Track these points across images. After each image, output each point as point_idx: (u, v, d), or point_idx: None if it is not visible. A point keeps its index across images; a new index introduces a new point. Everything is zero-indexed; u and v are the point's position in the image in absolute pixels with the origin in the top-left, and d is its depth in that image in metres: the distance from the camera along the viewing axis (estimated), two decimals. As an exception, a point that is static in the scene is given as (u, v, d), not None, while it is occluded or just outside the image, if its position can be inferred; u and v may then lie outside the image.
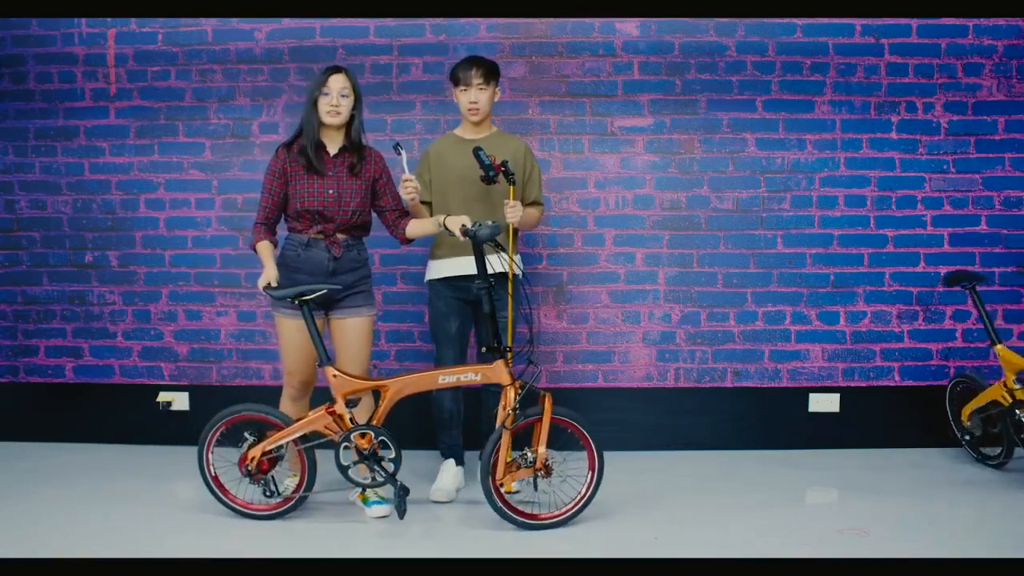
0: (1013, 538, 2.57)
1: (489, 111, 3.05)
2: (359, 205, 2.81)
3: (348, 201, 2.78)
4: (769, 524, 2.70)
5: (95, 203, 3.73)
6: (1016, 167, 3.61)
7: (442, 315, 3.07)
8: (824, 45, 3.58)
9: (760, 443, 3.63)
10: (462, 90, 3.00)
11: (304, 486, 2.71)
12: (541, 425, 2.61)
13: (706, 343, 3.65)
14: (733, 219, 3.63)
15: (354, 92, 2.77)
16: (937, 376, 3.64)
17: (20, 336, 3.78)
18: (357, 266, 2.84)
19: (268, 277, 2.66)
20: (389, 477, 2.64)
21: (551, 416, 2.62)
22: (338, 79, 2.72)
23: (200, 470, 2.73)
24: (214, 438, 2.73)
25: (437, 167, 3.04)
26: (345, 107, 2.74)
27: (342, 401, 2.66)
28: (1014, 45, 3.57)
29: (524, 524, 2.65)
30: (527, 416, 2.64)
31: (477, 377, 2.67)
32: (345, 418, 2.66)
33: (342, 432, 2.65)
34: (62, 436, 3.73)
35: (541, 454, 2.60)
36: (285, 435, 2.66)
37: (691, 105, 3.61)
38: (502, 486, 2.63)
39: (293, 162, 2.76)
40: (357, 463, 2.65)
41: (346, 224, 2.79)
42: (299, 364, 2.82)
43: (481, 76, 2.96)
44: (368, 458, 2.64)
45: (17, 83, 3.70)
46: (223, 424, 2.72)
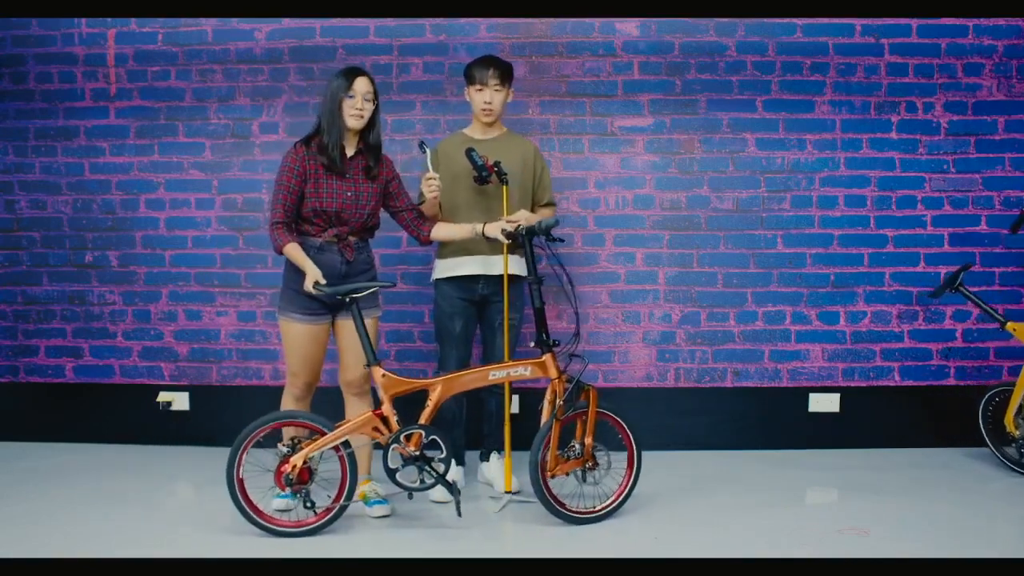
0: (1015, 538, 2.57)
1: (502, 112, 3.06)
2: (374, 208, 2.81)
3: (364, 204, 2.77)
4: (769, 524, 2.70)
5: (95, 203, 3.73)
6: (1016, 167, 3.61)
7: (446, 315, 3.07)
8: (824, 45, 3.58)
9: (760, 443, 3.64)
10: (477, 89, 2.99)
11: (345, 494, 2.59)
12: (587, 418, 2.66)
13: (706, 343, 3.65)
14: (733, 219, 3.63)
15: (376, 97, 2.76)
16: (937, 376, 3.65)
17: (20, 336, 3.78)
18: (367, 268, 2.84)
19: (314, 275, 2.63)
20: (439, 478, 2.59)
21: (596, 410, 2.66)
22: (363, 82, 2.69)
23: (229, 488, 2.52)
24: (246, 451, 2.54)
25: (445, 166, 3.05)
26: (368, 111, 2.72)
27: (390, 402, 2.61)
28: (1014, 45, 3.57)
29: (571, 518, 2.67)
30: (576, 409, 2.66)
31: (527, 372, 2.69)
32: (392, 420, 2.61)
33: (390, 434, 2.59)
34: (62, 436, 3.74)
35: (588, 445, 2.65)
36: (329, 440, 2.54)
37: (691, 105, 3.61)
38: (553, 478, 2.65)
39: (312, 160, 2.71)
40: (405, 466, 2.59)
41: (360, 227, 2.79)
42: (305, 367, 2.79)
43: (498, 77, 2.96)
44: (417, 460, 2.59)
45: (17, 83, 3.70)
46: (257, 435, 2.55)
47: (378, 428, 2.61)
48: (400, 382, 2.63)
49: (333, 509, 2.59)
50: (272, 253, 3.64)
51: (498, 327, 3.06)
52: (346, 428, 2.58)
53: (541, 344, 2.70)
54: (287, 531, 2.56)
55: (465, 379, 2.67)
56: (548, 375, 2.68)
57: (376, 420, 2.61)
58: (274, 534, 2.56)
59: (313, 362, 2.80)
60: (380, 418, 2.61)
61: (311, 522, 2.58)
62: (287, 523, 2.58)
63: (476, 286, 3.04)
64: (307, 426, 2.61)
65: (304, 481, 2.55)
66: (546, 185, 3.14)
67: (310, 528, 2.57)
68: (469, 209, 3.01)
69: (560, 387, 2.65)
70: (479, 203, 3.01)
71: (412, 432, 2.59)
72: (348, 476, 2.59)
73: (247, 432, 2.54)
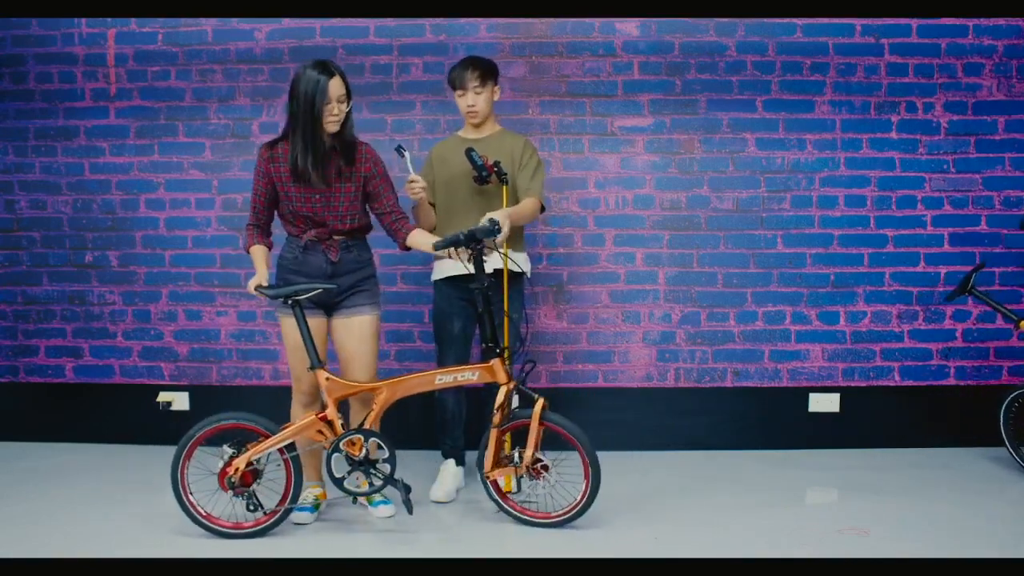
0: (1015, 537, 2.57)
1: (489, 112, 3.05)
2: (350, 208, 2.69)
3: (337, 205, 2.67)
4: (769, 524, 2.70)
5: (95, 203, 3.73)
6: (1016, 167, 3.61)
7: (445, 315, 3.07)
8: (824, 45, 3.58)
9: (760, 443, 3.64)
10: (459, 94, 2.99)
11: (289, 498, 2.59)
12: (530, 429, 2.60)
13: (706, 343, 3.65)
14: (733, 219, 3.63)
15: (348, 94, 2.61)
16: (937, 376, 3.65)
17: (20, 336, 3.78)
18: (358, 267, 2.76)
19: (259, 279, 2.63)
20: (387, 479, 2.57)
21: (540, 421, 2.59)
22: (336, 85, 2.54)
23: (174, 489, 2.54)
24: (191, 454, 2.56)
25: (440, 168, 3.04)
26: (343, 112, 2.59)
27: (334, 406, 2.59)
28: (1014, 45, 3.57)
29: (518, 519, 2.69)
30: (515, 419, 2.63)
31: (474, 377, 2.63)
32: (336, 424, 2.58)
33: (334, 438, 2.57)
34: (62, 436, 3.74)
35: (527, 457, 2.59)
36: (273, 443, 2.54)
37: (691, 105, 3.61)
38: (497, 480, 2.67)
39: (276, 163, 2.63)
40: (351, 471, 2.58)
41: (341, 228, 2.71)
42: (305, 368, 2.71)
43: (477, 79, 2.94)
44: (361, 464, 2.56)
45: (17, 83, 3.70)
46: (200, 438, 2.56)
47: (322, 431, 2.58)
48: (344, 386, 2.61)
49: (278, 512, 2.58)
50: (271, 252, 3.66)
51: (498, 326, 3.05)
52: (290, 431, 2.57)
53: (488, 349, 2.64)
54: (227, 531, 2.56)
55: (411, 383, 2.62)
56: (497, 380, 2.61)
57: (320, 423, 2.58)
58: (217, 535, 2.56)
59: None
60: (324, 421, 2.58)
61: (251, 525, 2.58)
62: (227, 524, 2.57)
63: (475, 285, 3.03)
64: (251, 428, 2.59)
65: (248, 484, 2.54)
66: (529, 174, 3.01)
67: (251, 531, 2.57)
68: (467, 211, 2.99)
69: (505, 393, 2.61)
70: (477, 205, 2.99)
71: (355, 437, 2.56)
72: (292, 480, 2.58)
73: (190, 434, 2.55)
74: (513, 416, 2.64)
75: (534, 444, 2.59)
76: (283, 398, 3.59)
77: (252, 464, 2.55)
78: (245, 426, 2.59)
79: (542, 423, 2.61)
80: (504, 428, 2.64)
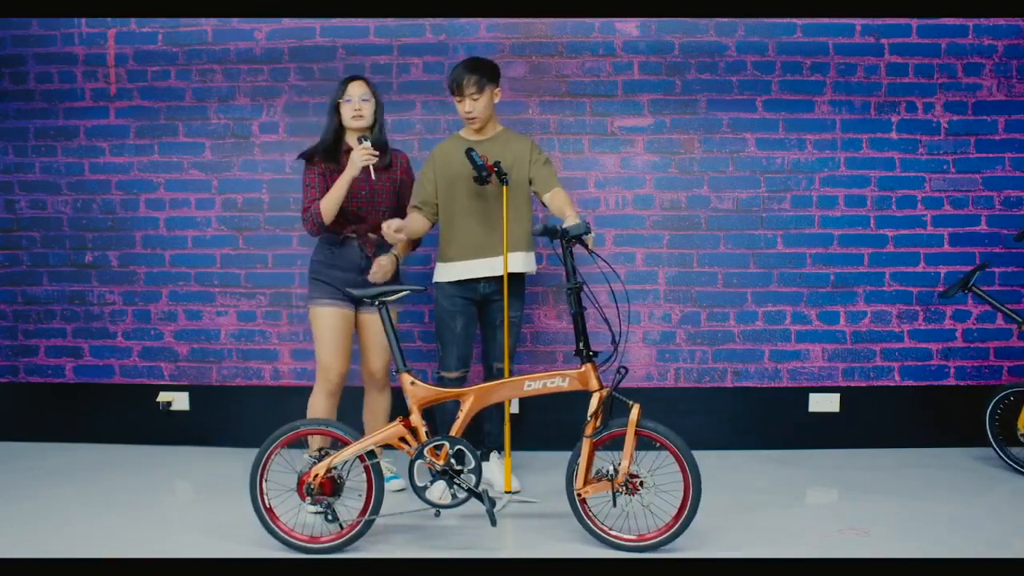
0: (1015, 537, 2.57)
1: (489, 116, 3.03)
2: (390, 205, 2.97)
3: (380, 201, 2.95)
4: (769, 524, 2.69)
5: (95, 203, 3.73)
6: (1016, 167, 3.61)
7: (448, 314, 3.06)
8: (824, 45, 3.58)
9: (760, 443, 3.64)
10: (458, 100, 2.99)
11: (370, 508, 2.43)
12: (626, 438, 2.41)
13: (706, 343, 3.65)
14: (733, 219, 3.63)
15: (375, 97, 2.92)
16: (937, 376, 3.65)
17: (20, 336, 3.78)
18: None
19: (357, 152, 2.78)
20: (471, 492, 2.44)
21: (636, 429, 2.41)
22: (357, 85, 2.88)
23: (252, 501, 2.43)
24: (270, 460, 2.43)
25: (443, 169, 3.04)
26: (367, 111, 2.89)
27: (418, 412, 2.47)
28: (1014, 45, 3.57)
29: (607, 542, 2.47)
30: (610, 428, 2.44)
31: (564, 383, 2.46)
32: (421, 431, 2.46)
33: (418, 446, 2.45)
34: (62, 436, 3.74)
35: (623, 469, 2.39)
36: (355, 450, 2.41)
37: (691, 105, 3.61)
38: (586, 498, 2.47)
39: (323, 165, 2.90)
40: (433, 481, 2.47)
41: (378, 223, 2.87)
42: (336, 354, 2.85)
43: (473, 85, 2.92)
44: (445, 474, 2.43)
45: (17, 83, 3.70)
46: (280, 444, 2.43)
47: (405, 439, 2.46)
48: (430, 391, 2.50)
49: (359, 524, 2.43)
50: (272, 252, 3.67)
51: (499, 325, 3.05)
52: (373, 439, 2.45)
53: (580, 354, 2.49)
54: (306, 546, 2.43)
55: (501, 390, 2.49)
56: (589, 387, 2.45)
57: (404, 431, 2.46)
58: (296, 549, 2.43)
59: (343, 350, 2.90)
60: (408, 428, 2.47)
61: (333, 538, 2.44)
62: (304, 538, 2.44)
63: (478, 285, 3.04)
64: (331, 435, 2.48)
65: (327, 493, 2.41)
66: (547, 171, 3.01)
67: (332, 545, 2.43)
68: (467, 212, 3.00)
69: (599, 400, 2.44)
70: (477, 206, 3.00)
71: (440, 444, 2.44)
72: (373, 487, 2.44)
73: (270, 442, 2.43)
74: (607, 427, 2.45)
75: (630, 455, 2.40)
76: (283, 398, 3.62)
77: (331, 471, 2.43)
78: (325, 432, 2.49)
79: (638, 431, 2.41)
80: (598, 439, 2.45)
